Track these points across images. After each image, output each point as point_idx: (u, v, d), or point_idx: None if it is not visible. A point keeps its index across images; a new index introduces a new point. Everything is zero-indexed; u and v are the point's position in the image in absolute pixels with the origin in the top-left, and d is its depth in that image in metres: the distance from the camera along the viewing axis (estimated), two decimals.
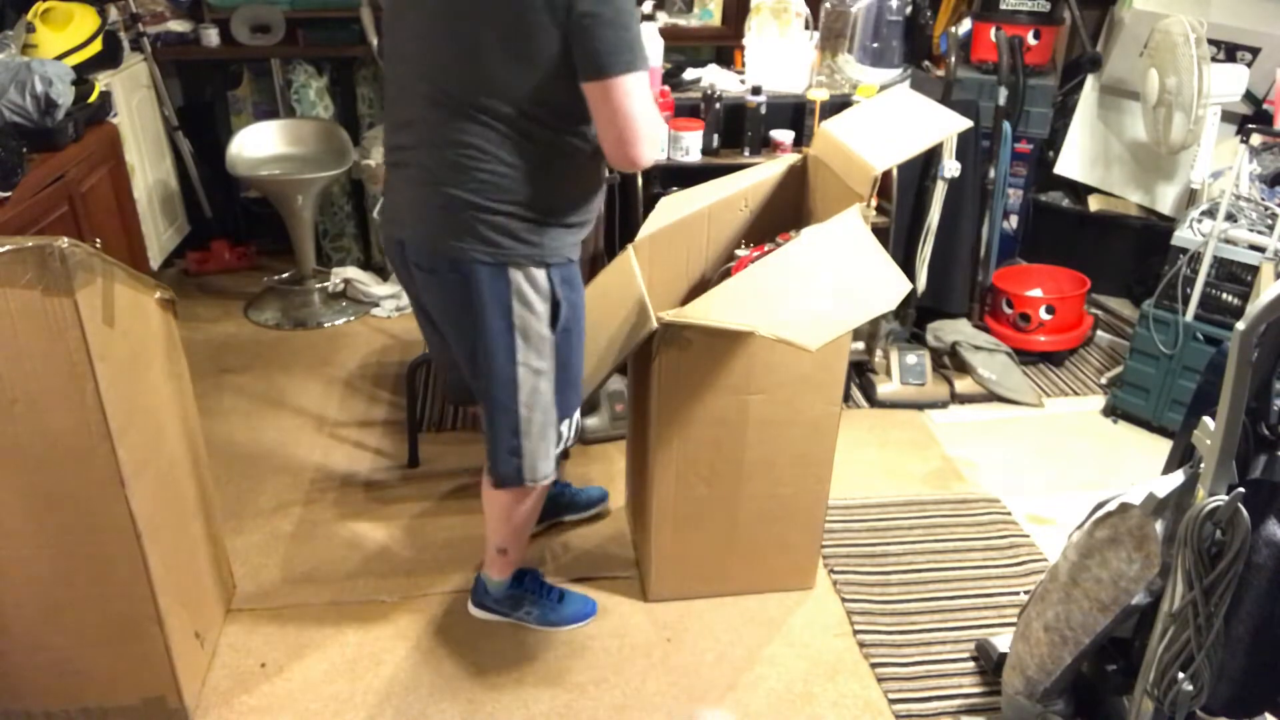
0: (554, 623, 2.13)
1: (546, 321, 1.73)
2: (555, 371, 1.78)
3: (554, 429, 1.85)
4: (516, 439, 1.81)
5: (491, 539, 2.04)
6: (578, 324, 1.81)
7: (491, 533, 2.03)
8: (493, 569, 2.10)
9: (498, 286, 1.67)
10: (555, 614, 2.13)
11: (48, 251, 1.44)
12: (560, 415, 1.85)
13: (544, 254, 1.69)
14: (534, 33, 1.52)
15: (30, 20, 3.02)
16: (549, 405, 1.81)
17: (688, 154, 2.88)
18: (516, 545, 2.05)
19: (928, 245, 3.09)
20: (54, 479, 1.60)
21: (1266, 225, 2.68)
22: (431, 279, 1.73)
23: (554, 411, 1.83)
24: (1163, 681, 1.43)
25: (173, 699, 1.86)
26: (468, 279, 1.67)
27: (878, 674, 2.03)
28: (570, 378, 1.83)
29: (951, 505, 2.57)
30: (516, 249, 1.66)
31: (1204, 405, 1.40)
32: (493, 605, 2.14)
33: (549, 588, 2.16)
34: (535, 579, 2.16)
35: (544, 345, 1.75)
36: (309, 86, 3.73)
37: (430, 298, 1.78)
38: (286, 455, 2.75)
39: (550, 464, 1.87)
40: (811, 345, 1.67)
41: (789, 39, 3.08)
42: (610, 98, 1.54)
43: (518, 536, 2.03)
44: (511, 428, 1.80)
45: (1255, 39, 3.22)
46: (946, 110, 2.21)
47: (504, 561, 2.08)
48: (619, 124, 1.56)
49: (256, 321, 3.56)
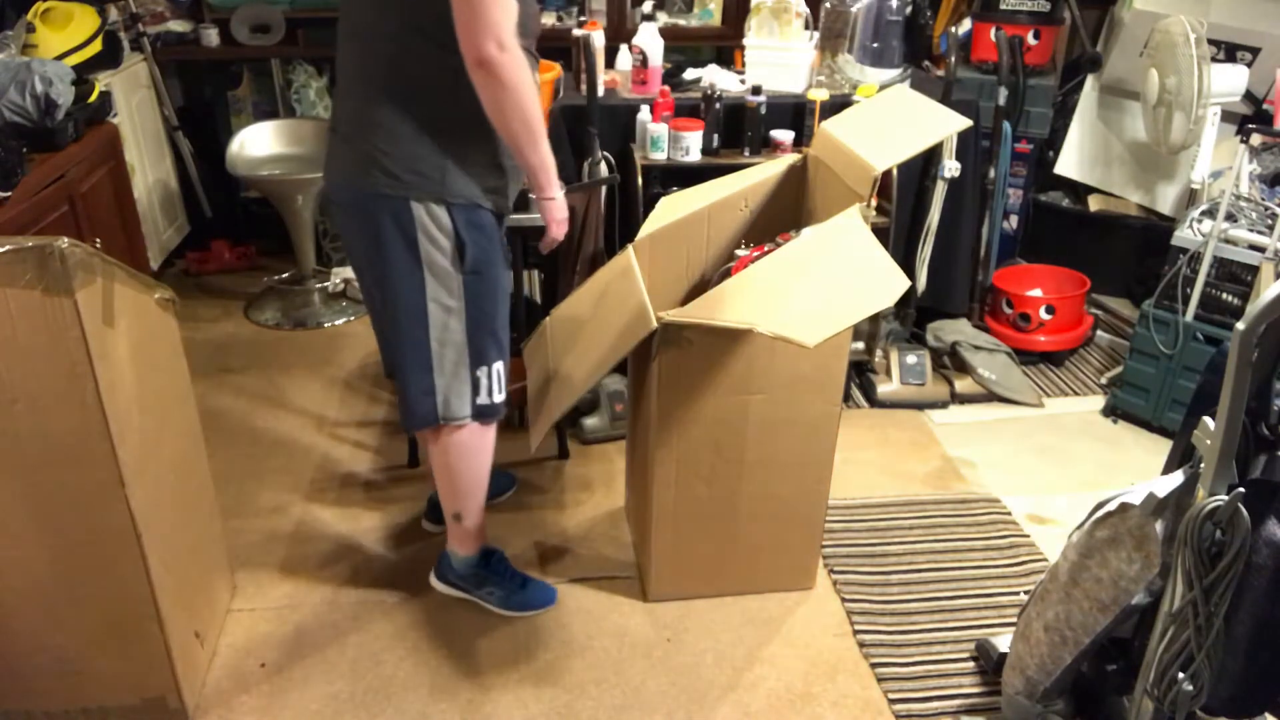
0: (514, 606, 2.15)
1: (451, 258, 1.77)
2: (465, 311, 1.82)
3: (468, 371, 1.88)
4: (429, 376, 1.85)
5: (445, 505, 2.09)
6: (490, 270, 1.83)
7: (442, 497, 2.09)
8: (456, 542, 2.13)
9: (402, 220, 1.73)
10: (516, 598, 2.15)
11: (48, 251, 1.44)
12: (474, 360, 1.87)
13: (444, 192, 1.73)
14: None
15: (30, 20, 3.02)
16: (461, 345, 1.85)
17: (688, 154, 2.88)
18: (470, 510, 2.07)
19: (928, 245, 3.09)
20: (54, 479, 1.60)
21: (1266, 225, 2.68)
22: (347, 218, 1.82)
23: (466, 352, 1.86)
24: (1163, 681, 1.43)
25: (173, 699, 1.86)
26: (374, 213, 1.74)
27: (878, 674, 2.03)
28: (483, 321, 1.86)
29: (951, 505, 2.57)
30: (415, 182, 1.72)
31: (1204, 405, 1.40)
32: (455, 580, 2.17)
33: (513, 572, 2.18)
34: (501, 560, 2.18)
35: (451, 282, 1.79)
36: (309, 86, 3.73)
37: (347, 240, 1.87)
38: (286, 455, 2.75)
39: (465, 405, 1.90)
40: (810, 342, 1.66)
41: (789, 39, 3.08)
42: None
43: (469, 498, 2.05)
44: (424, 364, 1.84)
45: (1255, 39, 3.22)
46: (946, 110, 2.21)
47: (462, 531, 2.10)
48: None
49: (256, 321, 3.57)
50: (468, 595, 2.17)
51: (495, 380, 1.93)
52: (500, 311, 1.90)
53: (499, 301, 1.89)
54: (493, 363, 1.91)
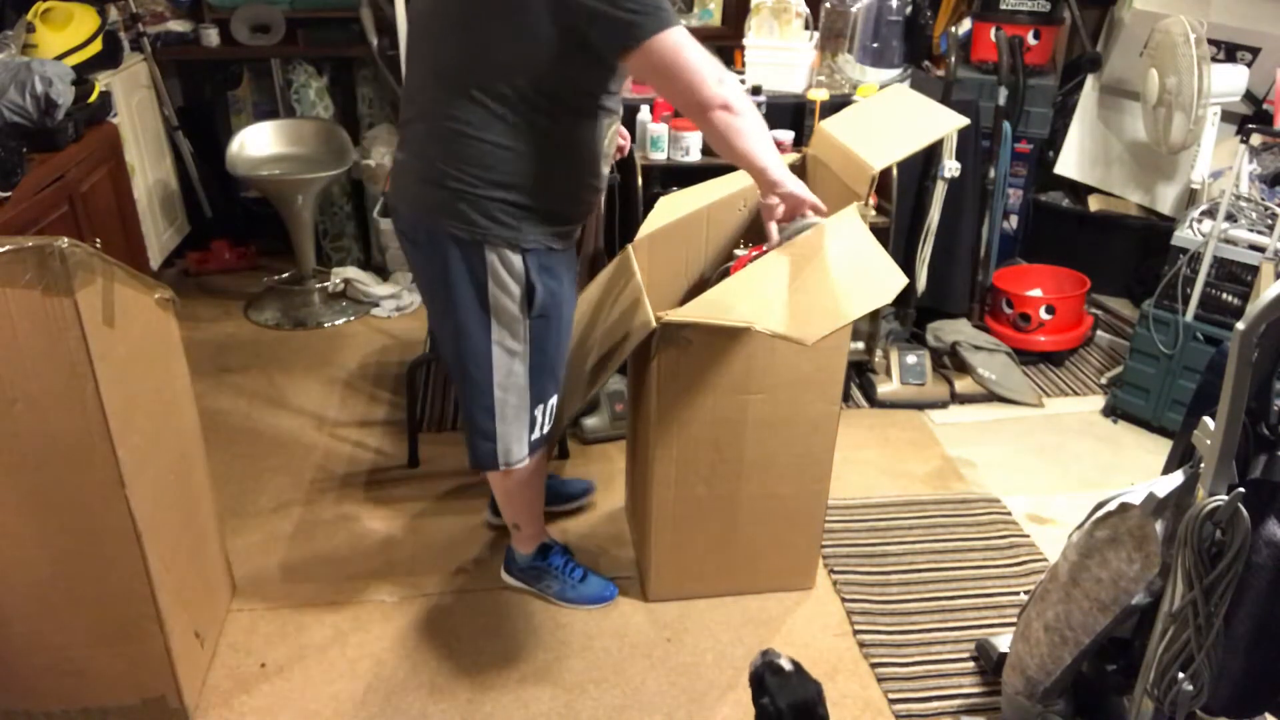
0: (572, 600, 2.19)
1: (520, 304, 1.76)
2: (530, 355, 1.81)
3: (528, 413, 1.88)
4: (491, 422, 1.86)
5: (504, 514, 2.15)
6: (557, 312, 1.83)
7: (502, 510, 2.14)
8: (516, 542, 2.19)
9: (472, 263, 1.71)
10: (574, 591, 2.19)
11: (48, 251, 1.44)
12: (534, 400, 1.88)
13: (519, 238, 1.71)
14: (527, 10, 1.54)
15: (30, 20, 3.02)
16: (524, 388, 1.85)
17: (688, 154, 2.88)
18: (528, 520, 2.13)
19: (928, 245, 3.09)
20: (54, 479, 1.60)
21: (1266, 225, 2.68)
22: (415, 249, 1.79)
23: (528, 395, 1.86)
24: (1163, 681, 1.43)
25: (173, 699, 1.86)
26: (445, 253, 1.71)
27: (878, 674, 2.03)
28: (546, 364, 1.86)
29: (951, 505, 2.57)
30: (492, 229, 1.69)
31: (1204, 405, 1.40)
32: (518, 574, 2.23)
33: (574, 566, 2.21)
34: (560, 556, 2.21)
35: (517, 327, 1.78)
36: (309, 86, 3.73)
37: (414, 268, 1.84)
38: (286, 455, 2.75)
39: (524, 448, 1.93)
40: (808, 339, 1.66)
41: (789, 39, 3.08)
42: (652, 60, 1.56)
43: (527, 511, 2.11)
44: (486, 409, 1.84)
45: (1255, 39, 3.22)
46: (944, 108, 2.21)
47: (521, 536, 2.16)
48: (675, 80, 1.58)
49: (256, 321, 3.56)
50: (530, 589, 2.22)
51: (549, 414, 1.95)
52: (563, 351, 1.91)
53: (563, 342, 1.89)
54: (549, 398, 1.92)
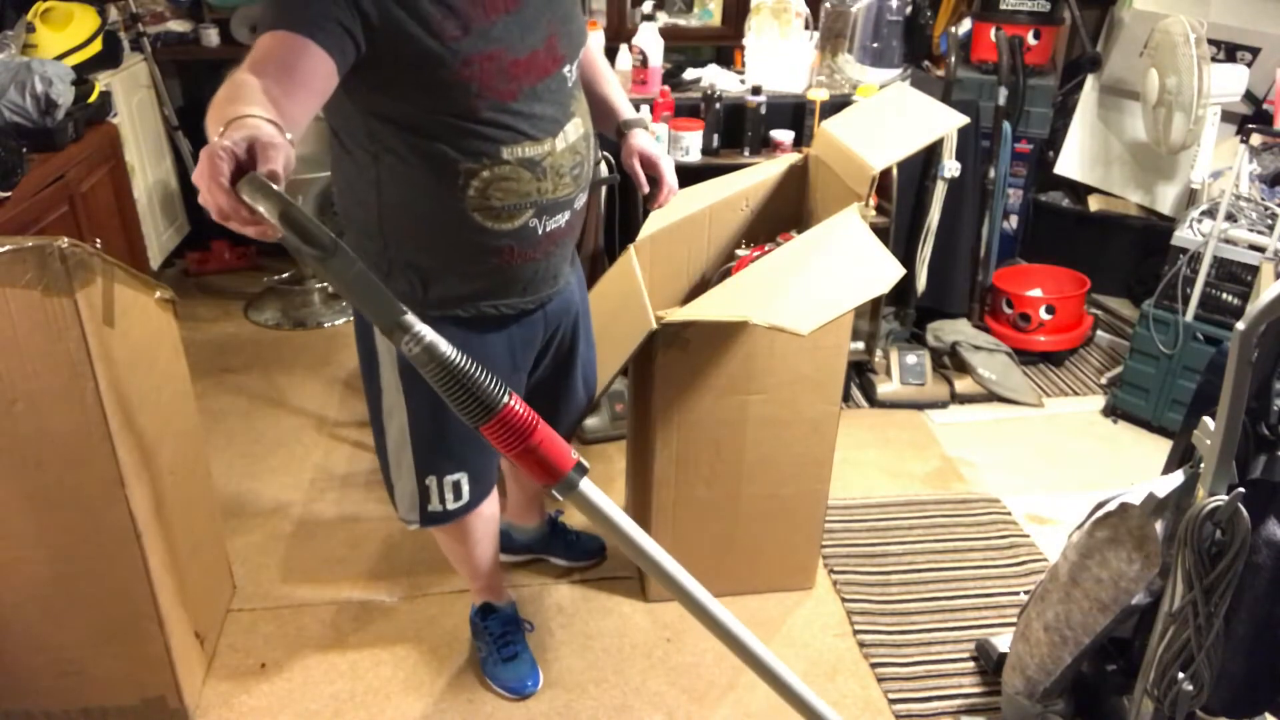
0: (488, 675, 2.00)
1: (395, 365, 1.62)
2: (410, 421, 1.66)
3: (414, 481, 1.71)
4: (387, 473, 1.77)
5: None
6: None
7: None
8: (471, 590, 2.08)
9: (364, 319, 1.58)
10: (493, 667, 2.00)
11: (48, 251, 1.44)
12: (421, 469, 1.70)
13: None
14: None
15: (30, 20, 3.02)
16: (406, 451, 1.69)
17: (688, 154, 2.88)
18: (467, 576, 2.01)
19: (928, 245, 3.09)
20: (54, 479, 1.60)
21: (1266, 225, 2.67)
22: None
23: (410, 458, 1.69)
24: (1163, 681, 1.43)
25: (173, 699, 1.86)
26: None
27: (878, 674, 2.03)
28: (427, 435, 1.67)
29: (951, 505, 2.57)
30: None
31: (1204, 405, 1.40)
32: (471, 620, 2.09)
33: (508, 642, 2.01)
34: (501, 624, 2.02)
35: (392, 389, 1.64)
36: None
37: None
38: (286, 455, 2.75)
39: (415, 515, 1.76)
40: (803, 330, 1.65)
41: (789, 39, 3.08)
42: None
43: (463, 569, 1.99)
44: (383, 459, 1.76)
45: (1255, 39, 3.22)
46: (944, 107, 2.21)
47: (472, 588, 2.05)
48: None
49: (256, 321, 3.56)
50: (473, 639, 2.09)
51: (448, 492, 1.74)
52: (449, 427, 1.65)
53: (449, 419, 1.60)
54: (446, 475, 1.72)
